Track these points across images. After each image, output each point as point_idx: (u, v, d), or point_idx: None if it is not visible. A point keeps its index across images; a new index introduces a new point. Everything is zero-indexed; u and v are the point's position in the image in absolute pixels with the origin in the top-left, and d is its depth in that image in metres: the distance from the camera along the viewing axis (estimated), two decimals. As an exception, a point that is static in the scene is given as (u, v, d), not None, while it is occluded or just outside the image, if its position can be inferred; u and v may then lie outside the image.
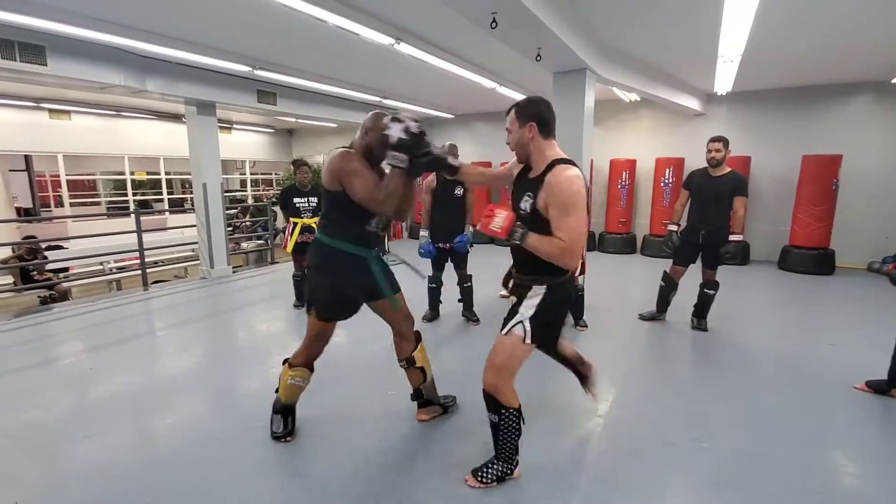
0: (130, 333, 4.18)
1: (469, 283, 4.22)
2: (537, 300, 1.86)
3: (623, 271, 6.91)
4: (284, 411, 2.40)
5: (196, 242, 6.73)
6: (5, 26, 3.81)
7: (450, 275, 4.16)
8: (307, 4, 3.38)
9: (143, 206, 10.60)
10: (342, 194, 2.07)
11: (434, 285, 4.24)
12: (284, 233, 4.70)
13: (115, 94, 6.36)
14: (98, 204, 10.99)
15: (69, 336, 4.13)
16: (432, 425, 2.53)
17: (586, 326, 4.06)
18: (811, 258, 6.54)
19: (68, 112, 8.26)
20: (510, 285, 2.03)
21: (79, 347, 3.84)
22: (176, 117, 9.46)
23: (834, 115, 6.77)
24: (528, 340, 1.84)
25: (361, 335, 3.83)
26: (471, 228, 4.07)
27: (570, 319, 4.13)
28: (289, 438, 2.36)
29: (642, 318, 4.35)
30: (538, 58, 3.84)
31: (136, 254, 6.01)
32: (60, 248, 7.28)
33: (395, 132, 1.93)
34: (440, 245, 4.02)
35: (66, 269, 7.32)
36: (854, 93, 6.60)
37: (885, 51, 4.86)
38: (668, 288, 4.16)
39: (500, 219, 1.79)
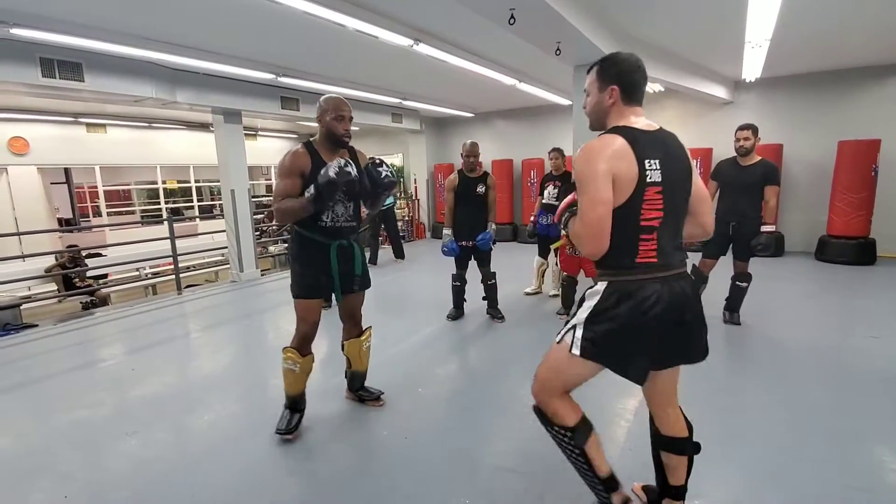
0: (168, 335, 4.34)
1: (493, 281, 4.22)
2: (595, 300, 1.45)
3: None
4: (291, 406, 2.45)
5: (226, 247, 6.93)
6: (46, 46, 4.02)
7: (473, 273, 4.17)
8: (327, 10, 3.45)
9: (175, 214, 10.98)
10: None
11: (458, 283, 4.26)
12: None
13: (147, 107, 6.63)
14: (133, 213, 11.44)
15: (112, 339, 4.32)
16: (457, 423, 2.54)
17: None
18: (850, 248, 6.27)
19: (104, 125, 8.62)
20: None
21: (121, 349, 4.01)
22: (204, 126, 9.75)
23: (870, 98, 6.47)
24: (576, 351, 1.45)
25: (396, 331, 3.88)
26: (493, 226, 4.06)
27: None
28: (288, 437, 2.36)
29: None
30: (558, 52, 3.81)
31: (170, 260, 6.24)
32: (99, 255, 7.61)
33: (328, 169, 2.08)
34: (463, 243, 4.03)
35: (105, 276, 7.65)
36: (889, 75, 6.30)
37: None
38: (699, 281, 4.05)
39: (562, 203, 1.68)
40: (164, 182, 10.31)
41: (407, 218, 10.11)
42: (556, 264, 4.66)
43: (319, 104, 2.29)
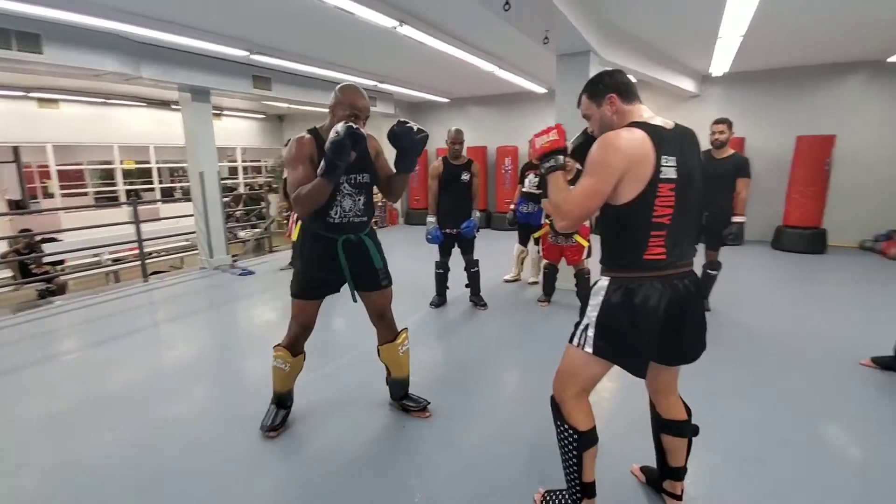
0: (139, 324, 4.16)
1: (476, 269, 4.26)
2: (601, 297, 1.49)
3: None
4: (277, 402, 2.38)
5: (193, 232, 6.66)
6: (2, 15, 3.70)
7: (456, 260, 4.19)
8: None
9: (134, 196, 10.44)
10: None
11: (441, 271, 4.27)
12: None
13: (104, 82, 6.22)
14: (86, 194, 10.79)
15: (78, 329, 4.10)
16: (447, 410, 2.58)
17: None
18: (804, 238, 6.68)
19: (57, 101, 8.05)
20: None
21: (89, 340, 3.82)
22: (165, 104, 9.27)
23: (828, 96, 6.84)
24: (589, 350, 1.49)
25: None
26: (477, 214, 4.08)
27: (575, 300, 4.20)
28: (272, 434, 2.30)
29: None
30: (546, 40, 3.83)
31: (132, 245, 5.95)
32: (54, 240, 7.17)
33: (333, 130, 1.85)
34: (447, 231, 4.04)
35: (61, 262, 7.22)
36: (849, 72, 6.67)
37: (883, 28, 4.89)
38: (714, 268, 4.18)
39: (548, 137, 1.56)
40: (121, 162, 9.76)
41: (380, 204, 9.99)
42: (539, 252, 4.74)
43: (335, 93, 2.07)
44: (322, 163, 1.89)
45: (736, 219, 3.81)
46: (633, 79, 6.24)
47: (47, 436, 2.41)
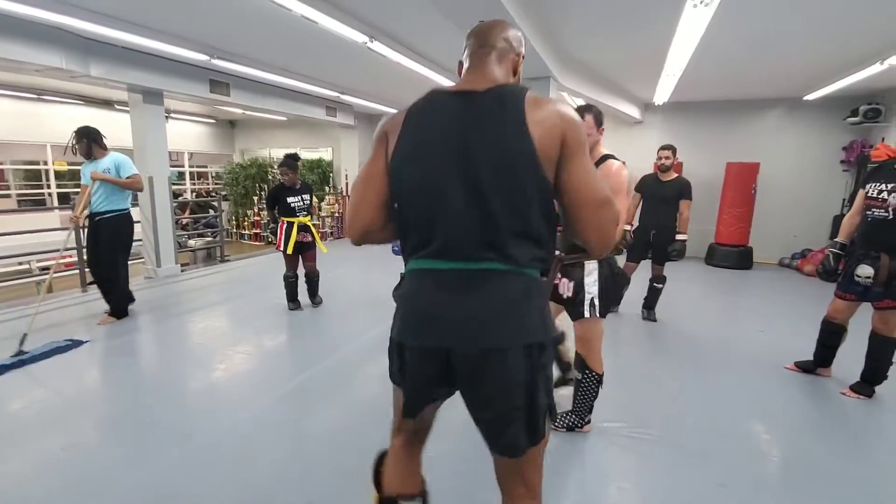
0: (78, 336, 3.89)
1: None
2: (595, 276, 2.26)
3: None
4: None
5: (139, 240, 6.31)
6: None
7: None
8: None
9: (66, 200, 9.70)
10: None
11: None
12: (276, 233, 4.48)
13: (39, 76, 5.82)
14: (8, 197, 9.88)
15: (9, 342, 3.77)
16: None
17: (550, 319, 4.34)
18: (733, 254, 7.32)
19: (-22, 94, 7.41)
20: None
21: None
22: (108, 104, 8.75)
23: (753, 127, 7.61)
24: (597, 315, 2.27)
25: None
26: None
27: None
28: None
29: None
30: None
31: (64, 253, 5.53)
32: (-26, 245, 6.52)
33: None
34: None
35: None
36: (770, 107, 7.46)
37: (800, 71, 5.55)
38: (623, 282, 4.51)
39: None
40: (54, 163, 9.07)
41: (337, 215, 9.90)
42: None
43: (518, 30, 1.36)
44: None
45: (679, 237, 4.16)
46: (581, 101, 6.61)
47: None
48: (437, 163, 1.09)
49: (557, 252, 1.87)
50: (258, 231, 10.56)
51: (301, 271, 4.56)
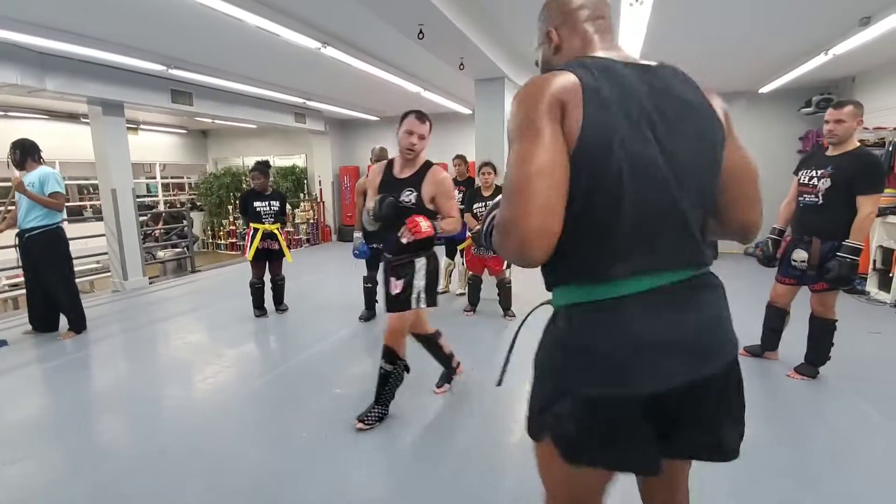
0: (46, 352, 3.86)
1: (404, 281, 4.39)
2: (423, 272, 2.44)
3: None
4: None
5: (104, 253, 6.25)
6: None
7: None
8: (225, 4, 3.27)
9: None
10: None
11: (369, 285, 4.36)
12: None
13: (4, 94, 5.76)
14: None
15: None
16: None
17: (514, 316, 4.39)
18: (702, 246, 7.45)
19: (-63, 111, 7.27)
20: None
21: (-22, 372, 3.49)
22: (73, 117, 8.64)
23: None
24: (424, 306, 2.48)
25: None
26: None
27: (499, 309, 4.45)
28: None
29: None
30: (461, 66, 4.10)
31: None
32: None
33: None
34: (374, 245, 4.14)
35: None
36: (729, 101, 7.49)
37: (756, 64, 5.70)
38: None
39: (425, 223, 2.37)
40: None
41: (312, 221, 9.88)
42: (463, 264, 4.96)
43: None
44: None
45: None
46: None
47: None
48: (651, 149, 0.87)
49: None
50: (234, 241, 10.47)
51: (268, 277, 4.58)
